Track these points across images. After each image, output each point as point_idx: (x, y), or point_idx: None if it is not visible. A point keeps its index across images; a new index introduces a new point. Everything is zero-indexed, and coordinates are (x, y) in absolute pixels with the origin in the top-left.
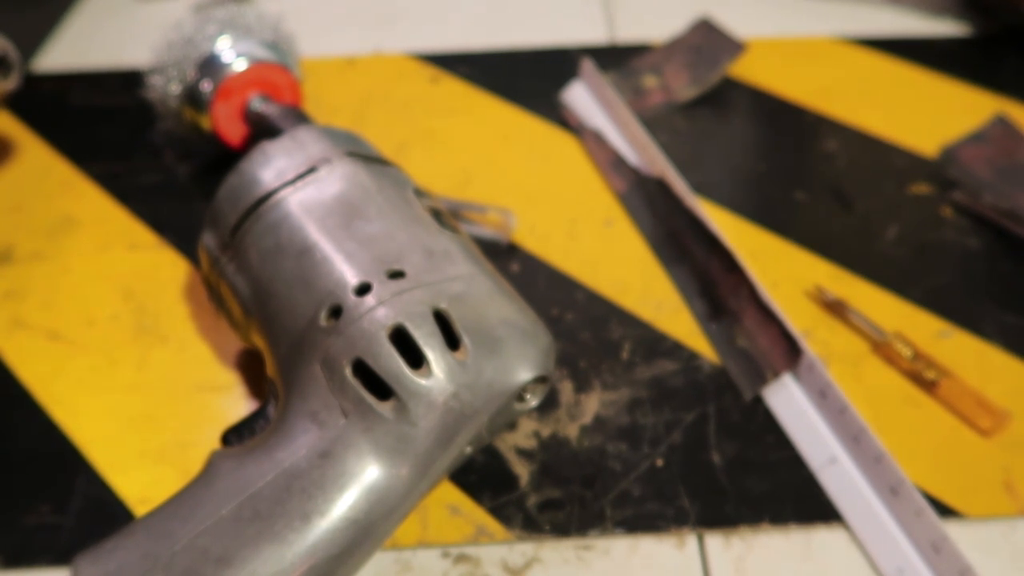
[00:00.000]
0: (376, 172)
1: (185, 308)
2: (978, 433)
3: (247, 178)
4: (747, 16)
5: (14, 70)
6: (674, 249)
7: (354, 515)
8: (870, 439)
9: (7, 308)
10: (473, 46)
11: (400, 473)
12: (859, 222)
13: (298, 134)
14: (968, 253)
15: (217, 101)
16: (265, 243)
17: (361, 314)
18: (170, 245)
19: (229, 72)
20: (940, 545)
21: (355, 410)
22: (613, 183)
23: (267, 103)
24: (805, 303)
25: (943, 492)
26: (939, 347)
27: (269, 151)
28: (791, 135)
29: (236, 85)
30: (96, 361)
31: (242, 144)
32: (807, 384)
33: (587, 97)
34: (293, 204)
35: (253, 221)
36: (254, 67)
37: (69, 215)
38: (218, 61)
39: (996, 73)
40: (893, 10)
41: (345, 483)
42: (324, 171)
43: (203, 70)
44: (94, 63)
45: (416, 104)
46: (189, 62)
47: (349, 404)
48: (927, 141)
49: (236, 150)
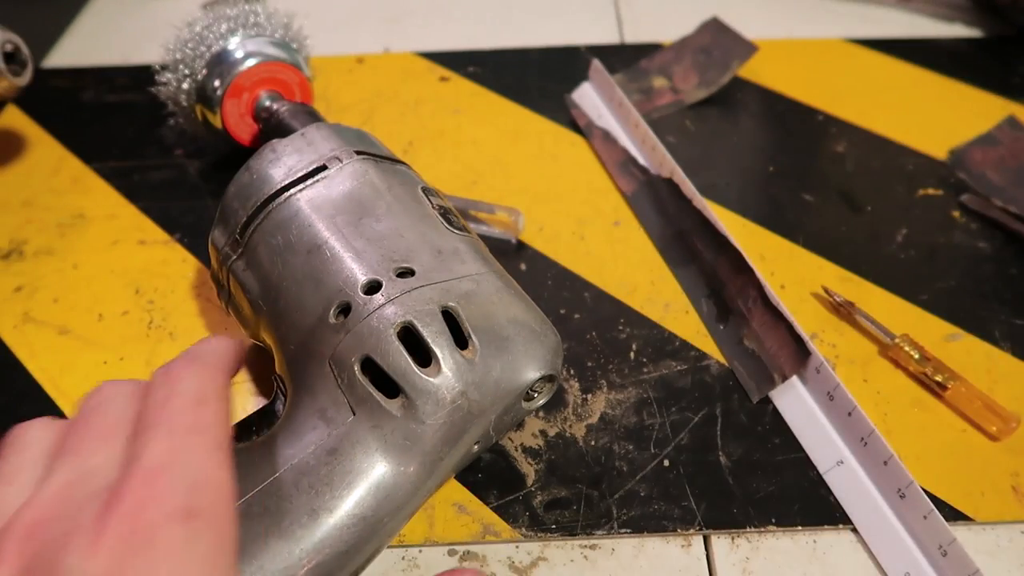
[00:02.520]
0: (386, 170)
1: (194, 304)
2: (986, 437)
3: (257, 176)
4: (757, 17)
5: (26, 67)
6: (682, 250)
7: (361, 512)
8: (878, 442)
9: (18, 303)
10: (482, 45)
11: (408, 471)
12: (868, 224)
13: (308, 132)
14: (977, 256)
15: (227, 99)
16: (274, 240)
17: (370, 312)
18: (179, 241)
19: (239, 70)
20: (948, 549)
21: (363, 407)
22: (621, 183)
23: (277, 101)
24: (813, 305)
25: (951, 495)
26: (948, 350)
27: (279, 149)
28: (800, 137)
29: (246, 83)
30: (106, 356)
31: (252, 141)
32: (815, 386)
33: (596, 97)
34: (303, 202)
35: (263, 218)
36: (264, 65)
37: (79, 211)
38: (229, 59)
39: (1006, 75)
40: (903, 12)
41: (353, 480)
42: (334, 169)
43: (214, 68)
44: (105, 60)
45: (425, 103)
46: (200, 60)
47: (357, 401)
48: (937, 143)
49: (246, 147)
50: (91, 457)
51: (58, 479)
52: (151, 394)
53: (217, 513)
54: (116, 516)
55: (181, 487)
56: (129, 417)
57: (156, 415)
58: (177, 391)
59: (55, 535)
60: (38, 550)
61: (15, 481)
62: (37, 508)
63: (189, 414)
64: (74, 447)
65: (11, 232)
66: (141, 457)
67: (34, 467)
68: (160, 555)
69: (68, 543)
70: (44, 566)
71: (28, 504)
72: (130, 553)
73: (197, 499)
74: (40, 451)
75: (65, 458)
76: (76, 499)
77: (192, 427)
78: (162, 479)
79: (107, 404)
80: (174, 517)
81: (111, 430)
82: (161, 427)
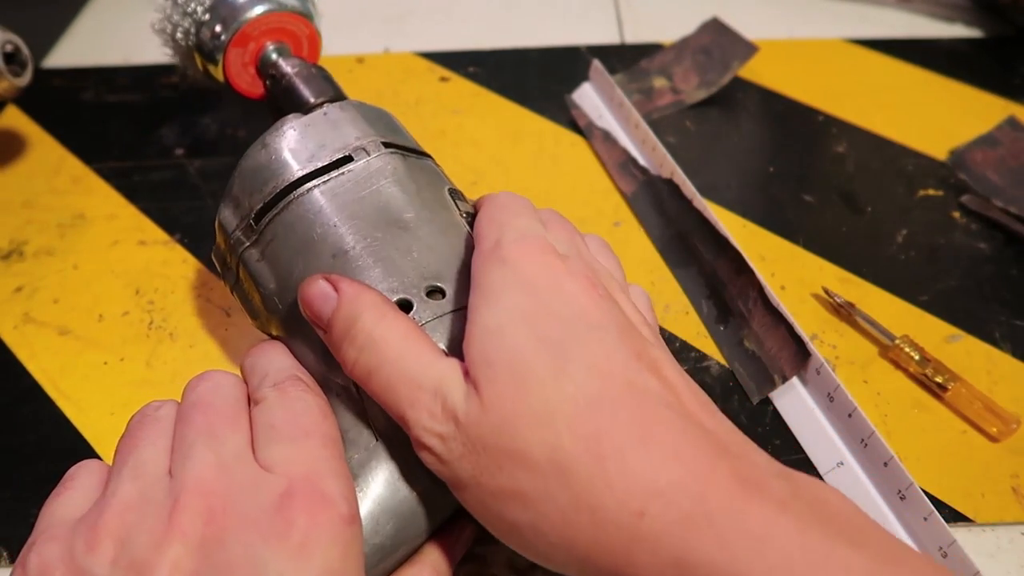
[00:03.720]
0: (413, 168)
1: (195, 305)
2: (987, 438)
3: (275, 157)
4: (757, 17)
5: (26, 67)
6: (682, 251)
7: (381, 541)
8: (878, 443)
9: (18, 303)
10: (483, 46)
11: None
12: (868, 225)
13: (331, 112)
14: (978, 257)
15: (232, 47)
16: (295, 237)
17: None
18: (180, 242)
19: (247, 17)
20: (948, 550)
21: (387, 432)
22: (621, 184)
23: (286, 56)
24: (813, 306)
25: (951, 497)
26: (948, 351)
27: (300, 128)
28: (800, 137)
29: (254, 32)
30: (106, 357)
31: (254, 94)
32: (815, 387)
33: (596, 98)
34: (328, 198)
35: (281, 209)
36: (274, 15)
37: (79, 211)
38: (233, 4)
39: (1007, 76)
40: (903, 12)
41: (374, 510)
42: (361, 163)
43: (216, 9)
44: (105, 60)
45: (425, 103)
46: (201, 4)
47: (382, 427)
48: (937, 144)
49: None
50: (229, 439)
51: (208, 458)
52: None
53: (359, 515)
54: (297, 515)
55: (340, 494)
56: (245, 406)
57: (294, 424)
58: (304, 404)
59: (235, 520)
60: (220, 533)
61: (157, 443)
62: (205, 487)
63: (323, 426)
64: (210, 428)
65: (11, 232)
66: (295, 461)
67: (168, 436)
68: (336, 554)
69: (253, 532)
70: (233, 550)
71: (194, 479)
72: (314, 550)
73: (351, 505)
74: (170, 423)
75: (206, 439)
76: (237, 482)
77: (328, 439)
78: (324, 485)
79: (222, 390)
80: (344, 521)
81: (235, 417)
82: (304, 437)
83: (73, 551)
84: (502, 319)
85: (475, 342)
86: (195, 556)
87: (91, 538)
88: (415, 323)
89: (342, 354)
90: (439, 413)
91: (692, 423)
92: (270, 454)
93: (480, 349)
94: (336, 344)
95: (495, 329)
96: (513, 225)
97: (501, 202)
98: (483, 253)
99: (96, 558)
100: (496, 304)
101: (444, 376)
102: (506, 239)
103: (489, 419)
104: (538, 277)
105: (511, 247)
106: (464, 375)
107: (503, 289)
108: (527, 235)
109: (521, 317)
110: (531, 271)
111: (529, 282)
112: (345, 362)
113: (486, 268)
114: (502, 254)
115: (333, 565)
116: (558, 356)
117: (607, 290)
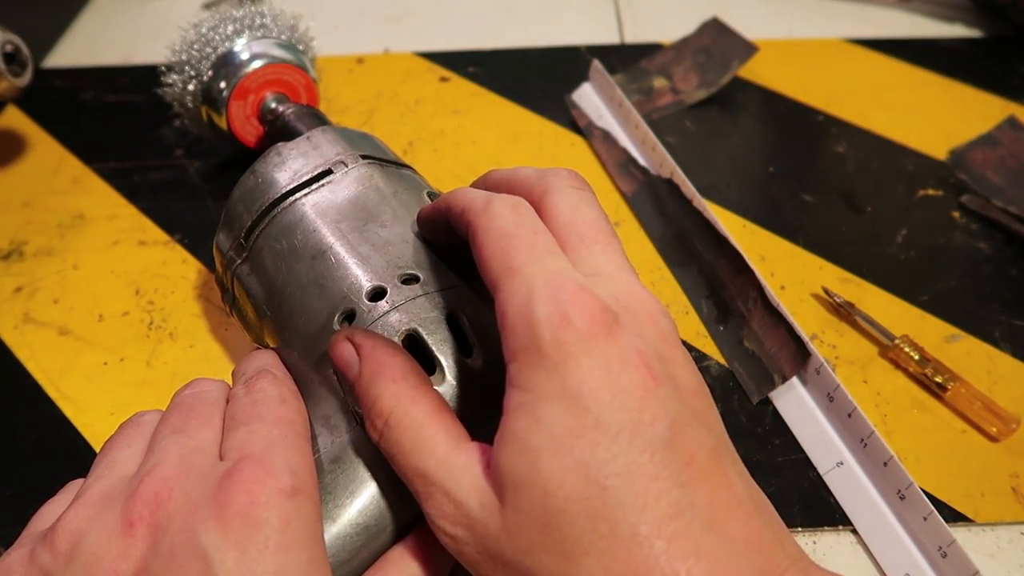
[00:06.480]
0: (391, 175)
1: (195, 305)
2: (986, 438)
3: (262, 179)
4: (757, 17)
5: (26, 67)
6: (682, 251)
7: (365, 521)
8: (878, 443)
9: (18, 303)
10: (482, 46)
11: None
12: (868, 225)
13: (313, 136)
14: (978, 257)
15: (233, 100)
16: (279, 245)
17: (375, 319)
18: (180, 242)
19: (245, 71)
20: (948, 550)
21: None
22: (621, 184)
23: (283, 103)
24: (813, 306)
25: (951, 497)
26: (948, 351)
27: (284, 152)
28: (800, 137)
29: (252, 84)
30: (106, 357)
31: (257, 143)
32: (815, 387)
33: (596, 98)
34: (308, 206)
35: (268, 223)
36: (271, 67)
37: (79, 211)
38: (235, 60)
39: (1007, 76)
40: (903, 12)
41: (356, 489)
42: (339, 174)
43: (220, 69)
44: (105, 60)
45: (425, 103)
46: (206, 61)
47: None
48: (937, 144)
49: (252, 148)
50: (196, 435)
51: (172, 451)
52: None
53: (311, 489)
54: (235, 493)
55: (285, 468)
56: (221, 406)
57: (250, 411)
58: (264, 393)
59: (179, 506)
60: (165, 520)
61: (132, 445)
62: (159, 478)
63: (278, 410)
64: (182, 426)
65: (11, 233)
66: (245, 444)
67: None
68: (276, 525)
69: (194, 516)
70: (176, 537)
71: (150, 472)
72: (252, 525)
73: (297, 478)
74: (151, 428)
75: (175, 435)
76: (192, 472)
77: (282, 420)
78: (268, 462)
79: (202, 395)
80: (284, 493)
81: (209, 416)
82: (258, 420)
83: (34, 552)
84: (541, 441)
85: (508, 456)
86: (142, 546)
87: (51, 537)
88: (438, 402)
89: (367, 428)
90: (451, 515)
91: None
92: (227, 442)
93: (512, 466)
94: (363, 413)
95: (533, 450)
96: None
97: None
98: (517, 337)
99: (51, 555)
100: (533, 415)
101: (458, 480)
102: (540, 316)
103: (512, 542)
104: (585, 382)
105: (548, 333)
106: (484, 468)
107: (543, 398)
108: (561, 297)
109: (563, 436)
110: (577, 376)
111: (575, 391)
112: (371, 437)
113: (523, 366)
114: (540, 347)
115: (274, 539)
116: (595, 495)
117: (663, 366)
